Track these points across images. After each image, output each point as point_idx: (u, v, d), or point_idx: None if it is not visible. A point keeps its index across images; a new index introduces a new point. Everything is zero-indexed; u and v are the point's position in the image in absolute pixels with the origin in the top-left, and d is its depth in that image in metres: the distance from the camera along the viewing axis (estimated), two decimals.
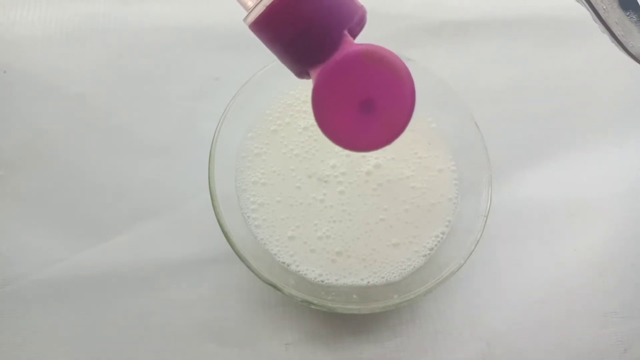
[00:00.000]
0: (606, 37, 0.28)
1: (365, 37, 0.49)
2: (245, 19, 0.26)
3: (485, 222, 0.37)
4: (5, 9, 0.47)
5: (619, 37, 0.27)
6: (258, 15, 0.25)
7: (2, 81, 0.44)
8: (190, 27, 0.48)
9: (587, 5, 0.28)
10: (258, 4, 0.25)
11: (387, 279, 0.38)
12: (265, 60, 0.40)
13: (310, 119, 0.41)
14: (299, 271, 0.37)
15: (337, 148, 0.40)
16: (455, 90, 0.41)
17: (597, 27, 0.27)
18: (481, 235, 0.37)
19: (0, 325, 0.38)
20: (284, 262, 0.37)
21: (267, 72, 0.40)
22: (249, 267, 0.35)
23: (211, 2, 0.49)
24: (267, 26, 0.25)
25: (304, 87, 0.42)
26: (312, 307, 0.35)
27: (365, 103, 0.26)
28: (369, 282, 0.37)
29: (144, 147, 0.44)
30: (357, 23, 0.27)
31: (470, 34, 0.50)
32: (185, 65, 0.47)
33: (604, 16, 0.27)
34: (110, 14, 0.48)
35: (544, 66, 0.49)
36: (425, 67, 0.41)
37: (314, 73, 0.26)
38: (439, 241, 0.39)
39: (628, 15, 0.27)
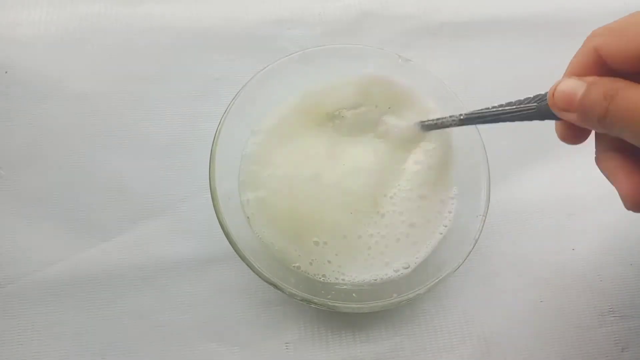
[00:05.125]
0: None
1: (365, 39, 0.49)
2: None
3: (484, 221, 0.37)
4: (6, 10, 0.47)
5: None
6: None
7: (3, 81, 0.45)
8: (191, 27, 0.48)
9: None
10: None
11: (386, 278, 0.38)
12: (265, 61, 0.41)
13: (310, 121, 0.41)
14: (299, 270, 0.38)
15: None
16: (454, 90, 0.41)
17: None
18: (480, 235, 0.37)
19: (1, 324, 0.38)
20: (284, 261, 0.38)
21: (268, 73, 0.40)
22: (249, 266, 0.35)
23: (212, 3, 0.49)
24: None
25: (304, 88, 0.42)
26: (313, 306, 0.35)
27: None
28: (368, 281, 0.38)
29: (145, 147, 0.44)
30: None
31: (469, 35, 0.51)
32: (186, 65, 0.47)
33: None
34: (112, 14, 0.48)
35: (543, 66, 0.49)
36: (424, 68, 0.42)
37: None
38: (438, 240, 0.39)
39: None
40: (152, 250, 0.41)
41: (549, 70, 0.49)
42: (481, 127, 0.40)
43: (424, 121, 0.39)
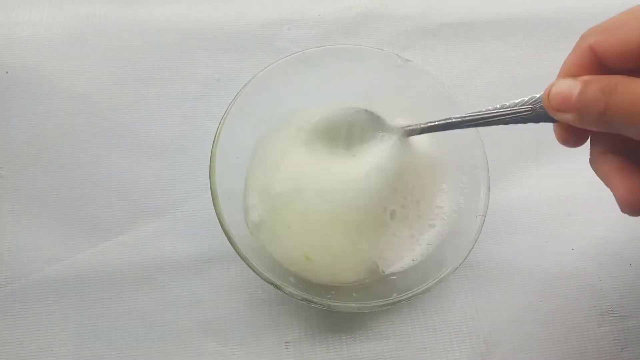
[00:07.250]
0: None
1: (365, 39, 0.50)
2: None
3: (484, 221, 0.37)
4: (7, 10, 0.47)
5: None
6: None
7: (4, 81, 0.45)
8: (192, 28, 0.48)
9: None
10: None
11: (386, 278, 0.38)
12: (266, 61, 0.41)
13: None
14: (299, 270, 0.38)
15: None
16: (453, 91, 0.41)
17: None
18: (479, 235, 0.37)
19: (2, 324, 0.38)
20: (284, 261, 0.38)
21: (268, 73, 0.40)
22: (249, 266, 0.35)
23: (212, 4, 0.50)
24: None
25: (304, 88, 0.42)
26: (312, 305, 0.35)
27: None
28: (368, 281, 0.38)
29: (146, 147, 0.44)
30: None
31: (468, 36, 0.51)
32: (186, 66, 0.47)
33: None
34: (112, 15, 0.48)
35: (542, 67, 0.50)
36: (423, 69, 0.42)
37: None
38: (437, 240, 0.39)
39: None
40: (152, 250, 0.41)
41: (548, 71, 0.50)
42: (481, 127, 0.40)
43: (410, 126, 0.38)
